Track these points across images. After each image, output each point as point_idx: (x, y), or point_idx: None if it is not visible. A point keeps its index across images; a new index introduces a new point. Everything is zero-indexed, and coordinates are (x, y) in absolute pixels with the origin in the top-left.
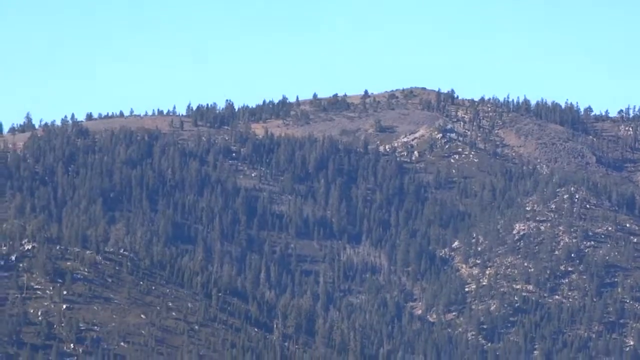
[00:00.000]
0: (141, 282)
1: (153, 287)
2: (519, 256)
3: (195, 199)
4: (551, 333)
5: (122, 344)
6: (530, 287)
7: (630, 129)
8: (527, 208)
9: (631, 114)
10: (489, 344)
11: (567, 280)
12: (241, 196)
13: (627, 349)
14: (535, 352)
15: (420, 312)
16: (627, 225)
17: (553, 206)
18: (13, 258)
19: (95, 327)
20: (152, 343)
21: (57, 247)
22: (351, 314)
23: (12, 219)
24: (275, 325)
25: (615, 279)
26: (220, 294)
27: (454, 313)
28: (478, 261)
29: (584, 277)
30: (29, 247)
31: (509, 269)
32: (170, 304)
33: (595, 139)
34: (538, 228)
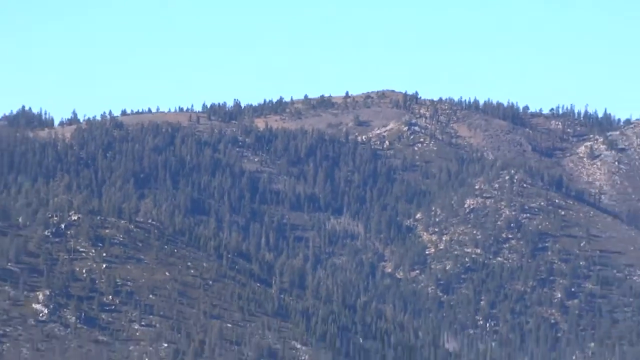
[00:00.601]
0: (165, 246)
1: (175, 250)
2: (469, 225)
3: (209, 179)
4: (494, 287)
5: (150, 296)
6: (478, 251)
7: (560, 123)
8: (476, 187)
9: (560, 112)
10: (445, 296)
11: (507, 245)
12: (246, 177)
13: (555, 300)
14: (481, 302)
15: (389, 270)
16: (556, 200)
17: (496, 185)
18: (62, 227)
19: (129, 283)
20: (174, 295)
21: (98, 218)
22: (334, 272)
23: (61, 195)
24: (273, 281)
25: (546, 244)
26: (229, 256)
27: (417, 271)
28: (436, 229)
29: (521, 242)
30: (75, 217)
31: (461, 236)
32: (189, 264)
33: (531, 132)
34: (484, 203)
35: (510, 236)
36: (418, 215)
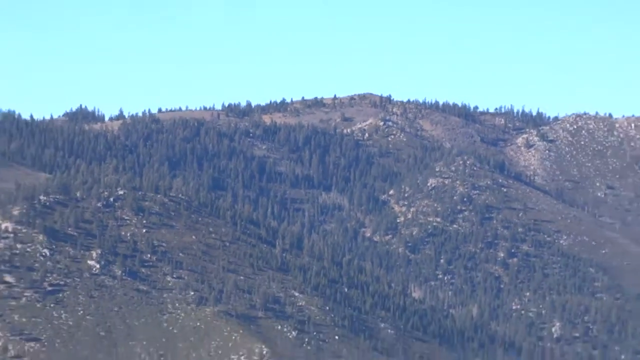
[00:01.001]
0: (192, 215)
1: (199, 218)
2: (431, 200)
3: (226, 163)
4: (451, 249)
5: (180, 254)
6: (438, 220)
7: (502, 120)
8: (436, 169)
9: (503, 110)
10: (412, 255)
11: (461, 215)
12: (255, 161)
13: (499, 259)
14: (441, 260)
15: (368, 234)
16: (499, 180)
17: (452, 168)
18: (111, 200)
19: (163, 244)
20: (199, 254)
21: (139, 193)
22: (325, 236)
23: (110, 175)
24: (277, 243)
25: (492, 215)
26: (242, 223)
27: (389, 235)
28: (405, 203)
29: (472, 213)
30: (121, 192)
31: (425, 208)
32: (210, 229)
33: (479, 126)
34: (443, 182)
35: (463, 208)
36: (391, 192)
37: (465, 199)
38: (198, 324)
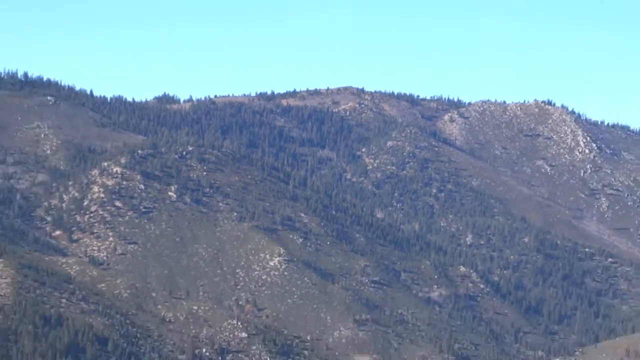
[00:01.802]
0: (236, 164)
1: (240, 165)
2: (390, 155)
3: (258, 130)
4: (402, 186)
5: (227, 189)
6: (394, 168)
7: (435, 103)
8: (393, 135)
9: (435, 97)
10: (377, 190)
11: (410, 164)
12: (276, 129)
13: (432, 193)
14: (395, 194)
15: (349, 177)
16: (433, 143)
17: (403, 135)
18: (184, 153)
19: (217, 182)
20: (240, 188)
21: (202, 149)
22: (321, 178)
23: (183, 137)
24: (290, 182)
25: (428, 165)
26: (267, 169)
27: (362, 177)
28: (372, 157)
29: (416, 163)
30: (190, 148)
31: (385, 160)
32: (247, 173)
33: (421, 108)
34: (397, 143)
35: (409, 160)
36: (363, 150)
37: (410, 155)
38: (239, 233)
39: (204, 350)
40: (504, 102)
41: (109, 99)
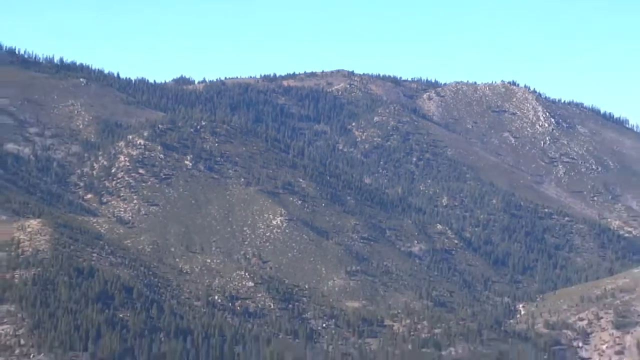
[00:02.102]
0: (243, 136)
1: (247, 138)
2: (376, 128)
3: (263, 107)
4: (386, 155)
5: (236, 158)
6: (379, 139)
7: (415, 84)
8: (379, 111)
9: (415, 79)
10: (364, 159)
11: (392, 137)
12: (278, 107)
13: (413, 161)
14: (381, 162)
15: (340, 147)
16: (413, 118)
17: (387, 111)
18: (198, 127)
19: (227, 152)
20: (246, 158)
21: (213, 123)
22: (317, 148)
23: (198, 113)
24: (290, 152)
25: (409, 137)
26: (270, 140)
27: (352, 148)
28: (361, 130)
29: (398, 136)
30: (203, 123)
31: (372, 133)
32: (253, 144)
33: (403, 88)
34: (382, 118)
35: (392, 133)
36: (353, 124)
37: (394, 128)
38: (246, 196)
39: (216, 297)
40: (475, 82)
41: (133, 80)
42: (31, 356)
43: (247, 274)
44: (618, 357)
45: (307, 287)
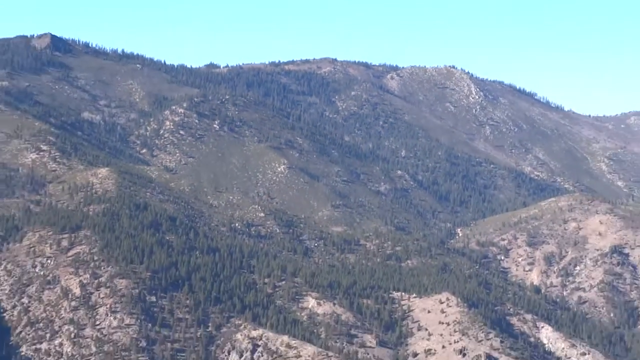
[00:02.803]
0: (255, 106)
1: (258, 107)
2: (353, 102)
3: (269, 85)
4: (361, 120)
5: (250, 122)
6: (356, 108)
7: (381, 68)
8: (353, 92)
9: (379, 64)
10: (344, 123)
11: (364, 107)
12: (282, 85)
13: (378, 127)
14: (357, 124)
15: (329, 115)
16: (381, 93)
17: (362, 87)
18: (222, 100)
19: (243, 118)
20: (258, 122)
21: (234, 97)
22: (312, 116)
23: (224, 90)
24: (290, 118)
25: (377, 108)
26: (276, 109)
27: (336, 115)
28: (343, 103)
29: (370, 106)
30: (227, 97)
31: (351, 103)
32: (262, 112)
33: (373, 71)
34: (357, 93)
35: (366, 104)
36: (336, 97)
37: (366, 100)
38: (258, 151)
39: (236, 224)
40: (425, 66)
41: (175, 65)
42: (102, 268)
43: (259, 207)
44: (530, 266)
45: (303, 216)
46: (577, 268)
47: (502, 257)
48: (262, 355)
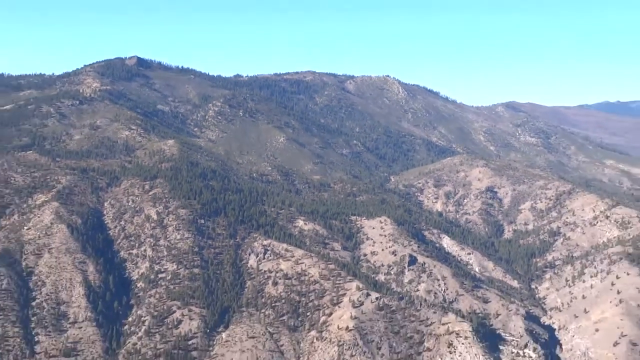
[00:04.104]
0: (270, 103)
1: (270, 105)
2: (324, 98)
3: (273, 88)
4: (331, 107)
5: (263, 108)
6: (324, 100)
7: (333, 77)
8: (327, 89)
9: (332, 72)
10: (327, 118)
11: (334, 101)
12: (281, 88)
13: (342, 112)
14: (334, 107)
15: (312, 107)
16: (344, 92)
17: (332, 89)
18: (241, 99)
19: (260, 106)
20: (269, 109)
21: (251, 92)
22: (300, 107)
23: (244, 91)
24: (292, 108)
25: (341, 102)
26: (277, 103)
27: (319, 106)
28: (324, 97)
29: (339, 101)
30: (247, 94)
31: (331, 99)
32: (275, 109)
33: (339, 79)
34: (330, 93)
35: (334, 99)
36: (316, 96)
37: (333, 96)
38: (267, 129)
39: (254, 174)
40: (370, 75)
41: (214, 75)
42: (170, 202)
43: (267, 164)
44: (435, 200)
45: (295, 169)
46: (465, 200)
47: (419, 194)
48: (270, 256)
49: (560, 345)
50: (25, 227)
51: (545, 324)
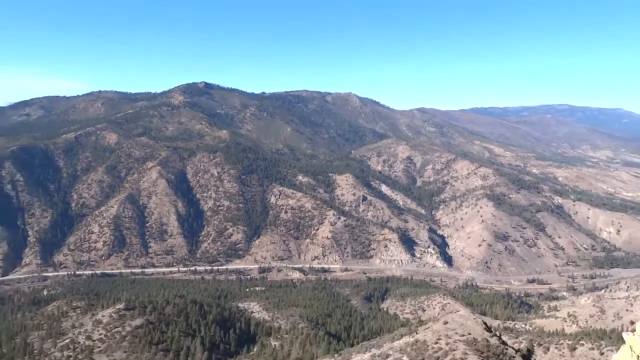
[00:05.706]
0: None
1: (282, 111)
2: (305, 105)
3: (283, 101)
4: (310, 108)
5: (269, 105)
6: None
7: (309, 92)
8: (312, 104)
9: (314, 91)
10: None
11: (312, 104)
12: (289, 101)
13: (310, 109)
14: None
15: (307, 111)
16: (325, 99)
17: (314, 103)
18: (265, 106)
19: (269, 108)
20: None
21: (263, 103)
22: (301, 111)
23: (265, 102)
24: (294, 114)
25: (317, 107)
26: (285, 110)
27: (315, 103)
28: (314, 106)
29: (317, 104)
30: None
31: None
32: (288, 109)
33: (322, 95)
34: (316, 105)
35: (319, 107)
36: (310, 105)
37: (319, 105)
38: (280, 125)
39: (272, 150)
40: (340, 92)
41: (249, 92)
42: (224, 166)
43: (280, 144)
44: (377, 164)
45: (297, 147)
46: (394, 164)
47: (368, 161)
48: (282, 196)
49: (448, 246)
50: (142, 181)
51: (440, 234)
